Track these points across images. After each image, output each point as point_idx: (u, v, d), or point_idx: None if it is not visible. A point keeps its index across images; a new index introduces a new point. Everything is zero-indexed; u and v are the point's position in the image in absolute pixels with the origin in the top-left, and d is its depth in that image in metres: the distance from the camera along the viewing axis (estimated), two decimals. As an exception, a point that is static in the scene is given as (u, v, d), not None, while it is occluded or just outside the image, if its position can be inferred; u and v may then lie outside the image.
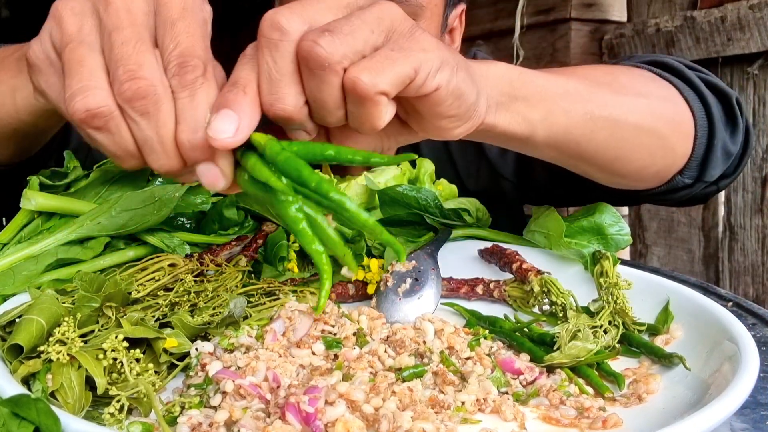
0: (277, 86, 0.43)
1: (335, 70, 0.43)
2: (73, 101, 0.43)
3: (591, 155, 0.69)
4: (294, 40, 0.43)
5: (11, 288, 0.62)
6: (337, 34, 0.43)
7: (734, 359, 0.51)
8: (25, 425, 0.40)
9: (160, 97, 0.43)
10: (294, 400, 0.45)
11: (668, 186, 0.78)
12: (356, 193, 0.80)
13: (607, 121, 0.67)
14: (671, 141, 0.74)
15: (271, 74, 0.43)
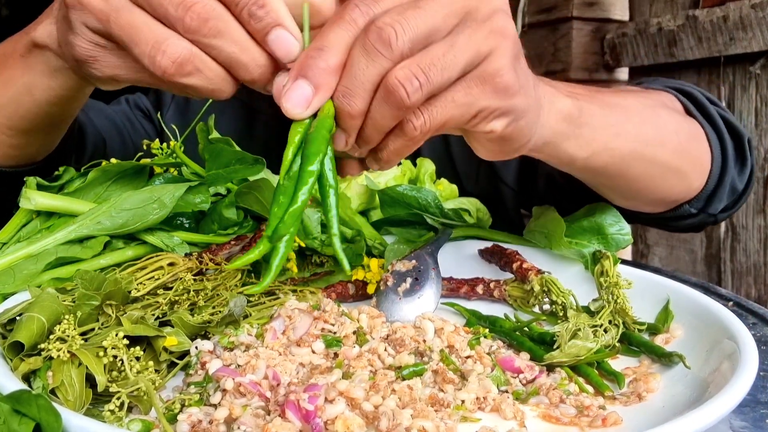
0: (355, 89, 0.43)
1: (407, 110, 0.44)
2: (154, 62, 0.43)
3: (619, 184, 0.73)
4: (394, 61, 0.43)
5: (11, 287, 0.62)
6: (428, 86, 0.43)
7: (734, 358, 0.51)
8: (26, 422, 0.41)
9: (220, 10, 0.43)
10: (294, 398, 0.45)
11: (674, 213, 0.81)
12: (356, 193, 0.80)
13: (643, 159, 0.69)
14: (691, 177, 0.78)
15: (357, 74, 0.43)
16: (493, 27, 0.45)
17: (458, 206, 0.81)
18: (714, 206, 0.81)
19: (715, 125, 0.80)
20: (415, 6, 0.43)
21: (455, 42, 0.44)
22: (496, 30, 0.45)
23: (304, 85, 0.43)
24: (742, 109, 1.45)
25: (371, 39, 0.42)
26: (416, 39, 0.43)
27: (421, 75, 0.43)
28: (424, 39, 0.43)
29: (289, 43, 0.44)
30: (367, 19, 0.43)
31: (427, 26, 0.43)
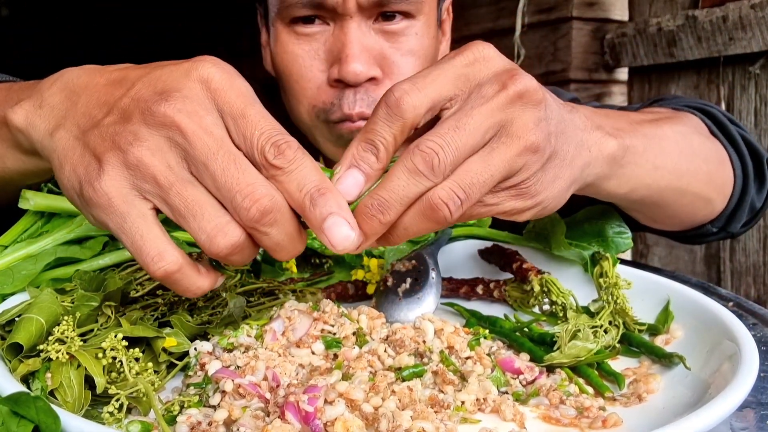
0: (393, 203, 0.46)
1: (447, 224, 0.47)
2: (213, 242, 0.44)
3: (652, 211, 0.77)
4: (435, 182, 0.46)
5: (10, 287, 0.62)
6: (467, 203, 0.46)
7: (734, 359, 0.51)
8: (25, 423, 0.41)
9: (280, 203, 0.45)
10: (293, 400, 0.45)
11: (696, 232, 0.86)
12: (356, 193, 0.80)
13: (676, 191, 0.72)
14: (715, 202, 0.82)
15: (396, 190, 0.46)
16: (527, 144, 0.47)
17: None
18: (734, 225, 0.85)
19: (737, 146, 0.83)
20: (455, 127, 0.46)
21: (491, 161, 0.47)
22: (529, 147, 0.47)
23: (357, 175, 0.47)
24: (741, 109, 1.45)
25: (415, 161, 0.45)
26: (457, 160, 0.46)
27: (461, 193, 0.46)
28: (463, 158, 0.46)
29: (343, 232, 0.45)
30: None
31: (467, 147, 0.46)
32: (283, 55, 0.91)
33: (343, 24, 0.87)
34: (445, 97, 0.48)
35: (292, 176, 0.45)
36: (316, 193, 0.45)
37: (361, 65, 0.85)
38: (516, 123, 0.47)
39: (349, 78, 0.86)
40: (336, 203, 0.45)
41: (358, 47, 0.86)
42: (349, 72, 0.85)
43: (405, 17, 0.89)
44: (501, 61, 0.49)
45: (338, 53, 0.87)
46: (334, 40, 0.88)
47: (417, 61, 0.92)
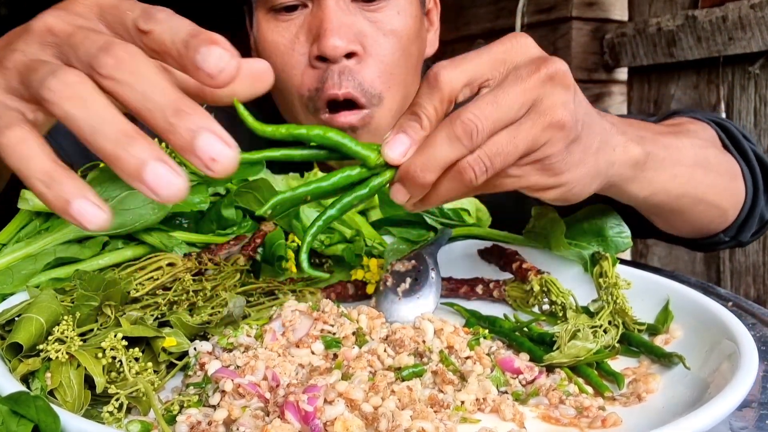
0: (433, 166, 0.49)
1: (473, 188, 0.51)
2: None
3: (667, 218, 0.80)
4: (471, 149, 0.49)
5: (10, 287, 0.62)
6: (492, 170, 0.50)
7: (734, 358, 0.51)
8: (24, 423, 0.41)
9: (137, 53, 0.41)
10: (293, 399, 0.45)
11: (708, 241, 0.89)
12: (356, 193, 0.80)
13: (694, 199, 0.76)
14: (726, 213, 0.85)
15: (437, 155, 0.49)
16: (552, 120, 0.50)
17: (458, 206, 0.81)
18: (744, 234, 0.89)
19: (748, 160, 0.86)
20: (493, 102, 0.49)
21: (518, 134, 0.50)
22: (554, 123, 0.51)
23: (404, 138, 0.50)
24: (741, 109, 1.45)
25: (457, 131, 0.49)
26: (492, 132, 0.50)
27: (487, 161, 0.50)
28: (497, 130, 0.50)
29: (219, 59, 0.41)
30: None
31: (501, 121, 0.49)
32: (265, 45, 0.90)
33: (322, 1, 0.85)
34: (481, 76, 0.51)
35: (164, 27, 0.42)
36: (193, 40, 0.40)
37: (339, 38, 0.84)
38: (545, 101, 0.50)
39: (328, 51, 0.84)
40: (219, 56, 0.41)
41: (336, 21, 0.84)
42: (327, 46, 0.84)
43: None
44: (537, 50, 0.53)
45: (317, 30, 0.85)
46: (312, 18, 0.86)
47: (399, 41, 0.90)
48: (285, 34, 0.88)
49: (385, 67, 0.90)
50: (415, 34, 0.94)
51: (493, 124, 0.49)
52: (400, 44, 0.90)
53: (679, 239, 0.92)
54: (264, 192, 0.73)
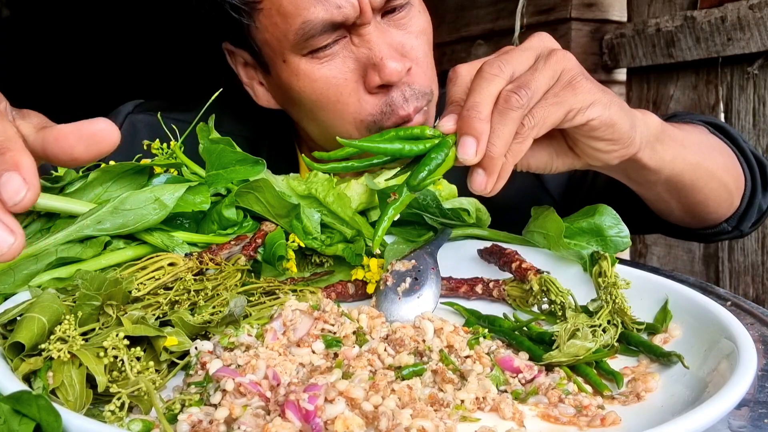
0: (501, 143, 0.60)
1: (519, 113, 0.60)
2: None
3: (687, 194, 0.86)
4: (505, 79, 0.61)
5: (12, 287, 0.62)
6: (527, 89, 0.60)
7: (732, 357, 0.51)
8: (26, 422, 0.41)
9: None
10: (294, 398, 0.45)
11: (714, 230, 0.98)
12: (357, 193, 0.80)
13: (707, 172, 0.85)
14: (733, 194, 0.93)
15: (501, 134, 0.60)
16: (572, 83, 0.63)
17: (457, 206, 0.81)
18: (745, 224, 0.97)
19: (745, 155, 0.94)
20: (533, 71, 0.62)
21: (536, 71, 0.62)
22: (573, 84, 0.63)
23: (471, 141, 0.59)
24: (740, 110, 1.45)
25: (487, 71, 0.61)
26: (513, 67, 0.62)
27: (521, 87, 0.60)
28: (518, 66, 0.63)
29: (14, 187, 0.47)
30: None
31: (539, 89, 0.61)
32: (313, 85, 0.89)
33: (362, 31, 0.86)
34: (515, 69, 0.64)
35: None
36: None
37: (396, 62, 0.86)
38: (567, 74, 0.63)
39: (394, 78, 0.86)
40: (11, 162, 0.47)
41: (386, 47, 0.86)
42: (392, 73, 0.86)
43: (405, 4, 0.90)
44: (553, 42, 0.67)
45: (367, 60, 0.87)
46: (356, 49, 0.87)
47: (426, 36, 0.93)
48: (332, 68, 0.88)
49: (426, 65, 0.93)
50: (430, 23, 0.97)
51: (533, 93, 0.61)
52: (427, 38, 0.93)
53: (685, 232, 0.99)
54: (265, 192, 0.73)
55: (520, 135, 0.61)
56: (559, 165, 0.72)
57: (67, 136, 0.52)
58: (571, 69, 0.63)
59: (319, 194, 0.76)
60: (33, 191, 0.47)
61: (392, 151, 0.61)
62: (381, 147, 0.61)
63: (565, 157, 0.71)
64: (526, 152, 0.64)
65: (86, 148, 0.52)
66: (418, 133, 0.61)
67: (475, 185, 0.61)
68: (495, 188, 0.62)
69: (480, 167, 0.61)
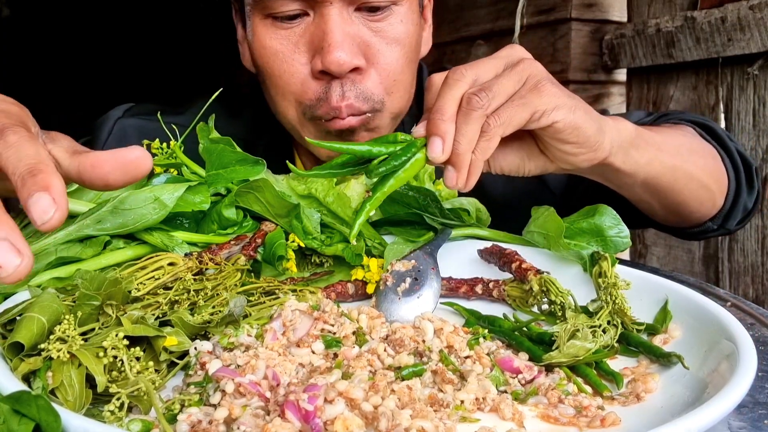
0: (465, 142, 0.63)
1: (480, 113, 0.63)
2: None
3: (666, 196, 0.88)
4: (467, 83, 0.65)
5: (11, 287, 0.62)
6: (488, 91, 0.63)
7: (732, 358, 0.51)
8: (26, 422, 0.41)
9: None
10: (293, 398, 0.45)
11: (700, 228, 0.99)
12: (356, 193, 0.80)
13: (685, 174, 0.86)
14: (715, 195, 0.94)
15: (466, 133, 0.63)
16: (538, 86, 0.65)
17: (457, 206, 0.81)
18: (730, 222, 0.98)
19: (731, 154, 0.95)
20: (498, 76, 0.66)
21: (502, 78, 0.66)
22: (539, 87, 0.65)
23: (437, 141, 0.63)
24: (740, 110, 1.45)
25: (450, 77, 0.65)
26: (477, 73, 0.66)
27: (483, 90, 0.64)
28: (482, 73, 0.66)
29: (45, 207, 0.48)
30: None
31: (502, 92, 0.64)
32: (262, 51, 0.89)
33: (323, 11, 0.83)
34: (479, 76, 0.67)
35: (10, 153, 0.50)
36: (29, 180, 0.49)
37: (344, 53, 0.83)
38: (532, 79, 0.66)
39: (333, 68, 0.83)
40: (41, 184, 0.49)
41: (340, 34, 0.83)
42: (332, 62, 0.83)
43: (389, 5, 0.88)
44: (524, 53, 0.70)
45: (320, 42, 0.84)
46: (314, 29, 0.85)
47: (402, 49, 0.90)
48: (285, 42, 0.87)
49: (387, 75, 0.90)
50: (416, 41, 0.94)
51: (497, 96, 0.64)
52: (403, 52, 0.90)
53: (671, 228, 1.00)
54: (265, 192, 0.73)
55: (486, 133, 0.63)
56: (532, 168, 0.74)
57: (103, 163, 0.54)
58: (537, 74, 0.66)
59: (319, 194, 0.76)
60: (61, 212, 0.48)
61: (360, 152, 0.63)
62: (349, 147, 0.63)
63: (537, 160, 0.73)
64: (497, 155, 0.69)
65: (121, 176, 0.54)
66: (391, 138, 0.64)
67: (447, 182, 0.65)
68: (468, 184, 0.65)
69: (449, 164, 0.64)
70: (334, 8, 0.83)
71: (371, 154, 0.63)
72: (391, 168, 0.63)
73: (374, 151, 0.63)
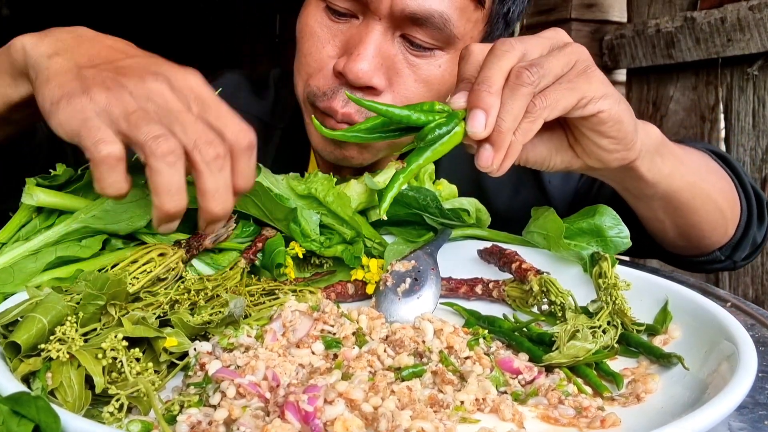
0: (510, 119, 0.59)
1: (529, 89, 0.59)
2: (159, 146, 0.54)
3: (683, 215, 0.85)
4: (516, 56, 0.61)
5: (11, 286, 0.62)
6: (539, 67, 0.60)
7: (732, 359, 0.51)
8: (25, 423, 0.41)
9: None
10: (293, 399, 0.45)
11: (707, 258, 0.97)
12: (356, 193, 0.80)
13: (704, 193, 0.84)
14: (728, 221, 0.92)
15: (511, 109, 0.59)
16: (587, 72, 0.63)
17: (457, 206, 0.81)
18: (738, 254, 0.96)
19: (744, 185, 0.94)
20: (548, 55, 0.62)
21: (551, 57, 0.62)
22: (588, 73, 0.63)
23: (480, 114, 0.59)
24: (739, 111, 1.45)
25: (498, 48, 0.61)
26: (525, 47, 0.62)
27: (534, 65, 0.60)
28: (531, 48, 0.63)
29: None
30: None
31: (552, 71, 0.61)
32: (304, 27, 0.89)
33: (370, 22, 0.84)
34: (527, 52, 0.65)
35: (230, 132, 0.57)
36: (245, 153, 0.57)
37: (368, 67, 0.82)
38: (580, 64, 0.63)
39: (350, 76, 0.83)
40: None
41: (373, 49, 0.83)
42: (352, 69, 0.82)
43: (434, 48, 0.86)
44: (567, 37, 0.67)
45: (353, 47, 0.84)
46: (354, 33, 0.85)
47: (428, 92, 0.88)
48: (325, 30, 0.87)
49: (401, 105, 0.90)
50: (447, 90, 0.91)
51: (547, 73, 0.61)
52: (428, 94, 0.88)
53: (678, 258, 0.99)
54: (261, 196, 0.73)
55: (530, 114, 0.60)
56: (557, 162, 0.70)
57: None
58: (585, 60, 0.63)
59: (319, 194, 0.76)
60: None
61: (399, 116, 0.59)
62: (389, 110, 0.59)
63: (564, 155, 0.70)
64: (526, 143, 0.63)
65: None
66: (426, 107, 0.60)
67: (482, 161, 0.60)
68: (502, 167, 0.61)
69: (488, 142, 0.60)
70: (380, 24, 0.83)
71: (409, 121, 0.59)
72: (435, 138, 0.59)
73: (413, 117, 0.59)
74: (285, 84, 1.00)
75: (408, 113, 0.59)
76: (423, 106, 0.60)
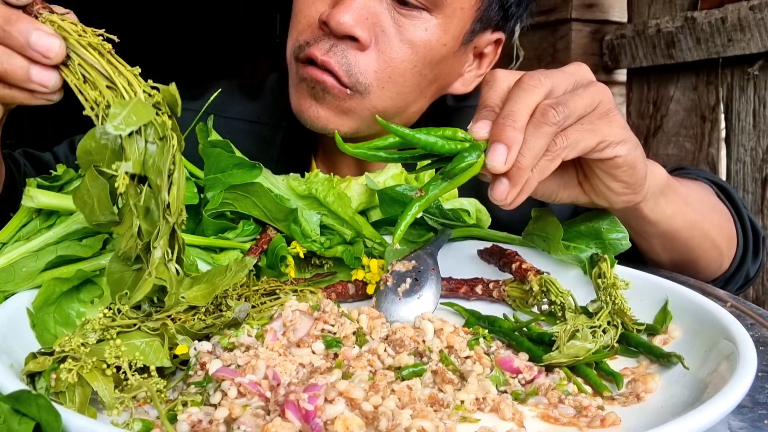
0: (531, 155, 0.59)
1: (553, 129, 0.59)
2: None
3: (680, 252, 0.86)
4: (543, 93, 0.60)
5: (12, 285, 0.62)
6: (564, 107, 0.59)
7: (732, 358, 0.51)
8: (26, 421, 0.41)
9: None
10: (294, 398, 0.45)
11: None
12: (356, 193, 0.80)
13: (702, 232, 0.85)
14: (723, 257, 0.92)
15: (533, 146, 0.58)
16: (609, 115, 0.63)
17: (458, 207, 0.81)
18: (730, 287, 0.96)
19: (742, 220, 0.94)
20: (573, 93, 0.62)
21: (580, 95, 0.62)
22: (610, 116, 0.63)
23: (501, 149, 0.58)
24: (740, 111, 1.45)
25: (526, 82, 0.60)
26: (552, 82, 0.61)
27: (559, 104, 0.60)
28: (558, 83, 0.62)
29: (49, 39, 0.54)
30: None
31: (576, 111, 0.61)
32: None
33: None
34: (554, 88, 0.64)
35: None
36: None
37: (350, 17, 0.82)
38: (602, 107, 0.63)
39: (332, 24, 0.83)
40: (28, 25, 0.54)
41: (360, 5, 0.83)
42: (334, 17, 0.82)
43: (421, 9, 0.86)
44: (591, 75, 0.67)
45: (340, 2, 0.84)
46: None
47: (413, 54, 0.88)
48: None
49: (387, 67, 0.88)
50: (437, 59, 0.91)
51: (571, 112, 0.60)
52: (414, 58, 0.88)
53: None
54: (261, 197, 0.73)
55: (550, 152, 0.60)
56: (564, 197, 0.71)
57: None
58: (608, 102, 0.63)
59: (319, 194, 0.76)
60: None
61: (426, 143, 0.58)
62: (415, 136, 0.59)
63: (572, 190, 0.70)
64: None
65: None
66: (450, 134, 0.60)
67: (496, 194, 0.59)
68: (516, 201, 0.60)
69: (505, 176, 0.59)
70: None
71: (435, 148, 0.59)
72: (461, 168, 0.58)
73: (439, 144, 0.59)
74: (284, 87, 1.00)
75: (433, 140, 0.58)
76: (446, 132, 0.59)
